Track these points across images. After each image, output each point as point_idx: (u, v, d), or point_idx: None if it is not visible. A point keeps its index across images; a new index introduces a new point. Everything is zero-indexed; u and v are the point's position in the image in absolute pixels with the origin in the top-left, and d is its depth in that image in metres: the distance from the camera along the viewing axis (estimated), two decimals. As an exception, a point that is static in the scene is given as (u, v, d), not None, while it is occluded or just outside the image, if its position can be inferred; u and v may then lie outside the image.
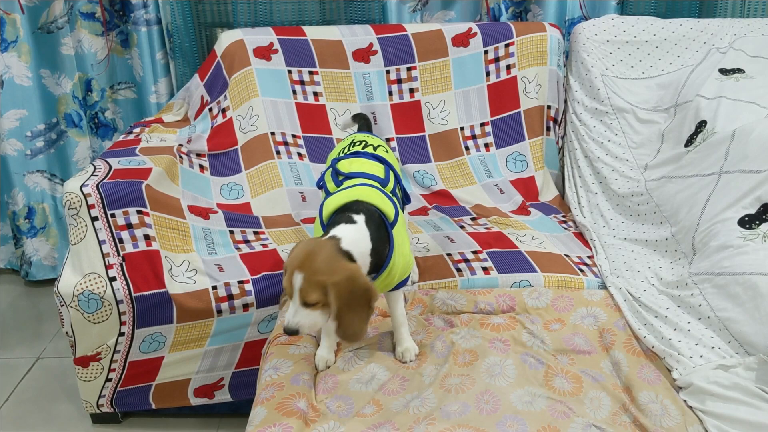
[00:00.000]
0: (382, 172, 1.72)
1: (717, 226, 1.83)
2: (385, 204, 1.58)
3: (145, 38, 2.74)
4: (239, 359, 2.06)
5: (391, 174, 1.74)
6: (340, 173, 1.71)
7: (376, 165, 1.74)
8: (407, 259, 1.63)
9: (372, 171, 1.71)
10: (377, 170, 1.72)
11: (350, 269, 1.40)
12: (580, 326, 1.79)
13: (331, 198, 1.59)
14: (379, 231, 1.53)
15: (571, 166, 2.55)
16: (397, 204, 1.63)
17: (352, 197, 1.56)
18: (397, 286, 1.62)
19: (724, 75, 2.30)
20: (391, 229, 1.56)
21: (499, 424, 1.43)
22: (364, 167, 1.71)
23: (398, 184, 1.78)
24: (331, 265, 1.39)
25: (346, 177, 1.69)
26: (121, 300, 1.95)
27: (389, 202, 1.60)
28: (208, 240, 2.15)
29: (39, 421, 2.22)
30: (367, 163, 1.73)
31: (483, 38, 2.58)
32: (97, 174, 2.05)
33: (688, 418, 1.45)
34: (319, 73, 2.58)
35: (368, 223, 1.50)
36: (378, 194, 1.60)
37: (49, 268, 3.01)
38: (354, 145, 1.84)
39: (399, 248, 1.57)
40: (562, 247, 2.15)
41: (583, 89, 2.55)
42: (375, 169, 1.72)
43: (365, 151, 1.79)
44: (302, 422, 1.45)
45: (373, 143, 1.85)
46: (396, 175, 1.78)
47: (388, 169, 1.75)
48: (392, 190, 1.71)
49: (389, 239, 1.55)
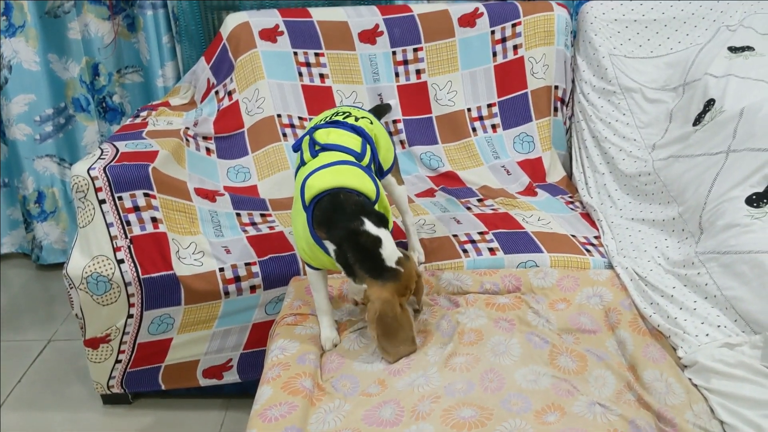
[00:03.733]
0: (358, 146, 1.71)
1: (724, 204, 1.82)
2: (366, 185, 1.61)
3: (151, 22, 2.74)
4: (247, 340, 2.08)
5: (367, 147, 1.74)
6: (317, 143, 1.70)
7: (353, 137, 1.73)
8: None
9: (348, 144, 1.71)
10: (354, 143, 1.72)
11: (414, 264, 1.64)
12: (586, 306, 1.79)
13: (313, 177, 1.60)
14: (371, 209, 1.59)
15: (578, 146, 2.53)
16: (375, 179, 1.65)
17: (335, 183, 1.58)
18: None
19: (733, 53, 2.27)
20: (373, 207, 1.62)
21: (503, 402, 1.44)
22: (341, 139, 1.71)
23: (374, 158, 1.78)
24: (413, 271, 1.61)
25: (323, 148, 1.69)
26: (129, 282, 1.97)
27: (370, 181, 1.62)
28: (215, 222, 2.16)
29: (51, 403, 2.25)
30: (345, 135, 1.73)
31: (490, 18, 2.56)
32: (104, 157, 2.06)
33: (693, 396, 1.45)
34: (325, 55, 2.58)
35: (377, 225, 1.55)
36: (359, 175, 1.62)
37: (60, 251, 3.03)
38: (337, 115, 1.83)
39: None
40: (568, 227, 2.14)
41: (590, 69, 2.53)
42: (351, 141, 1.72)
43: (344, 122, 1.78)
44: (308, 401, 1.46)
45: (357, 114, 1.83)
46: (373, 149, 1.77)
47: (365, 143, 1.74)
48: (367, 164, 1.71)
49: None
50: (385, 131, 1.89)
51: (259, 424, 1.39)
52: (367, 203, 1.59)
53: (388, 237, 1.55)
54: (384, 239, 1.54)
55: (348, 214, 1.54)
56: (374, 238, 1.53)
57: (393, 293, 1.53)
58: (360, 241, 1.52)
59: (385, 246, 1.53)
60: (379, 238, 1.53)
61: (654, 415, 1.42)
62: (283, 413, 1.41)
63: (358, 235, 1.52)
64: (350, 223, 1.53)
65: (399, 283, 1.54)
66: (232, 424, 2.12)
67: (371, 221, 1.54)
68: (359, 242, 1.52)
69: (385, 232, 1.56)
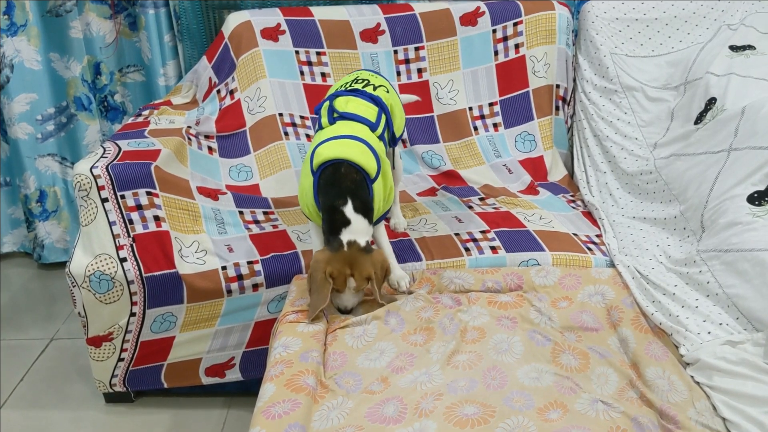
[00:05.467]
0: (374, 116, 1.88)
1: (726, 203, 1.82)
2: (368, 162, 1.75)
3: (153, 20, 2.74)
4: (249, 338, 2.08)
5: (382, 117, 1.91)
6: (336, 111, 1.86)
7: (370, 107, 1.90)
8: (385, 203, 1.85)
9: (366, 114, 1.87)
10: (371, 113, 1.88)
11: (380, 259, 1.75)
12: (588, 304, 1.80)
13: (324, 146, 1.75)
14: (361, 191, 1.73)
15: (579, 145, 2.54)
16: (380, 157, 1.80)
17: (341, 154, 1.72)
18: (378, 220, 1.84)
19: (734, 52, 2.27)
20: (371, 184, 1.75)
21: (506, 399, 1.44)
22: (359, 109, 1.88)
23: (388, 127, 1.94)
24: (367, 263, 1.71)
25: (341, 116, 1.85)
26: (131, 280, 1.97)
27: (373, 158, 1.76)
28: (218, 220, 2.16)
29: (53, 401, 2.25)
30: (363, 105, 1.89)
31: (491, 17, 2.56)
32: (107, 156, 2.06)
33: (695, 393, 1.46)
34: (326, 54, 2.58)
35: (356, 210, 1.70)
36: (364, 152, 1.76)
37: (61, 250, 3.04)
38: (357, 81, 1.99)
39: (377, 197, 1.78)
40: (570, 226, 2.15)
41: (592, 68, 2.53)
42: (368, 112, 1.88)
43: (364, 90, 1.94)
44: (311, 398, 1.47)
45: (375, 83, 1.99)
46: (388, 119, 1.93)
47: (380, 113, 1.90)
48: (381, 134, 1.88)
49: (370, 193, 1.75)
50: (399, 100, 2.07)
51: (263, 421, 1.39)
52: (362, 184, 1.73)
53: (361, 224, 1.70)
54: (353, 223, 1.69)
55: (340, 190, 1.70)
56: (346, 219, 1.69)
57: (324, 259, 1.69)
58: (335, 217, 1.70)
59: (351, 229, 1.69)
60: (349, 221, 1.69)
61: (656, 412, 1.42)
62: (287, 410, 1.41)
63: (335, 212, 1.70)
64: (336, 200, 1.70)
65: (333, 255, 1.69)
66: (234, 422, 2.12)
67: (354, 204, 1.70)
68: (333, 218, 1.70)
69: (361, 220, 1.70)
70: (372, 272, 1.71)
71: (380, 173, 1.78)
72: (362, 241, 1.70)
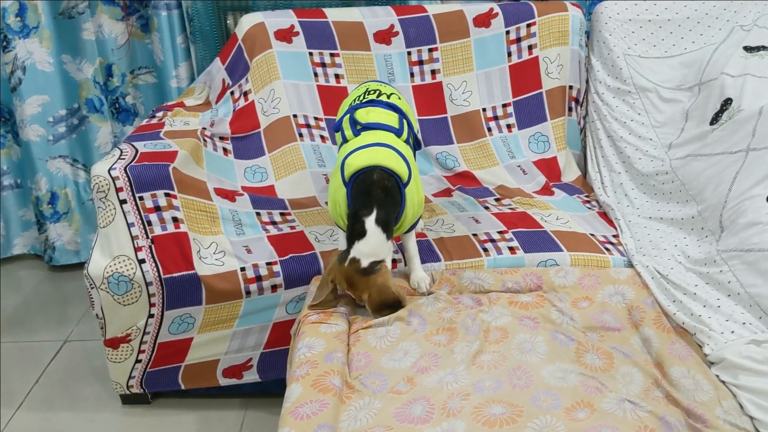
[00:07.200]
0: (396, 122, 1.89)
1: (745, 203, 1.83)
2: (400, 167, 1.75)
3: (165, 22, 2.74)
4: (267, 340, 2.08)
5: (404, 123, 1.91)
6: (359, 123, 1.86)
7: (391, 115, 1.90)
8: (417, 208, 1.83)
9: (388, 122, 1.87)
10: (392, 120, 1.89)
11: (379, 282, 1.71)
12: (609, 304, 1.80)
13: (353, 156, 1.75)
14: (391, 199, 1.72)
15: (593, 146, 2.54)
16: (409, 161, 1.80)
17: (372, 161, 1.72)
18: (410, 228, 1.85)
19: (748, 52, 2.28)
20: (404, 188, 1.75)
21: (533, 399, 1.45)
22: (380, 117, 1.88)
23: (411, 132, 1.95)
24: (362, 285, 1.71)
25: (364, 127, 1.85)
26: (150, 282, 1.97)
27: (404, 163, 1.76)
28: (236, 221, 2.16)
29: (69, 403, 2.25)
30: (384, 113, 1.89)
31: (504, 18, 2.57)
32: (124, 157, 2.06)
33: (721, 392, 1.46)
34: (340, 55, 2.58)
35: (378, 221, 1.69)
36: (394, 157, 1.76)
37: (73, 252, 3.03)
38: (369, 93, 1.98)
39: (410, 202, 1.77)
40: (586, 226, 2.15)
41: (605, 69, 2.54)
42: (390, 119, 1.89)
43: (380, 100, 1.94)
44: (338, 399, 1.47)
45: (386, 92, 1.99)
46: (409, 124, 1.94)
47: (402, 119, 1.91)
48: (406, 139, 1.89)
49: (402, 199, 1.75)
50: (409, 107, 2.08)
51: (292, 422, 1.39)
52: (394, 190, 1.73)
53: (373, 238, 1.69)
54: (368, 237, 1.68)
55: (369, 199, 1.70)
56: (363, 231, 1.69)
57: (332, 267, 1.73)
58: (354, 227, 1.70)
59: (363, 243, 1.69)
60: (365, 233, 1.69)
61: (683, 411, 1.42)
62: (315, 411, 1.41)
63: (356, 221, 1.70)
64: (363, 208, 1.70)
65: (340, 268, 1.71)
66: (252, 423, 2.12)
67: (378, 215, 1.68)
68: (353, 227, 1.71)
69: (378, 233, 1.69)
70: (366, 295, 1.72)
71: (411, 177, 1.78)
72: (365, 261, 1.69)
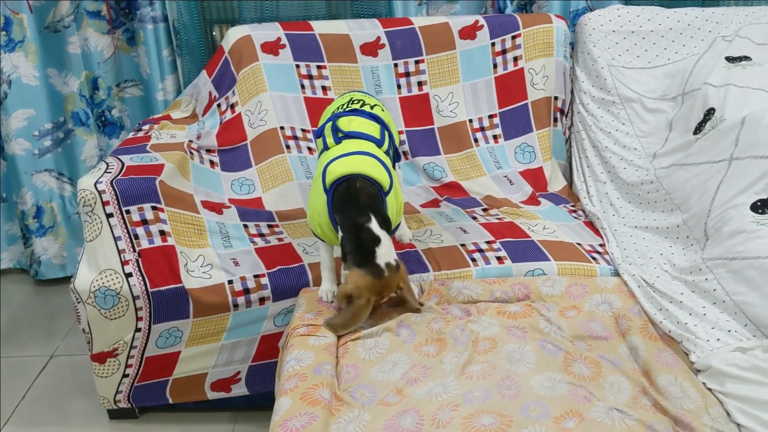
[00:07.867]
0: (378, 133, 1.90)
1: (729, 211, 1.84)
2: (381, 175, 1.76)
3: (151, 35, 2.74)
4: (256, 353, 2.07)
5: (386, 134, 1.92)
6: (341, 131, 1.87)
7: (373, 125, 1.91)
8: (396, 216, 1.84)
9: (370, 131, 1.89)
10: (374, 130, 1.90)
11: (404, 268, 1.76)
12: (596, 313, 1.81)
13: (335, 163, 1.76)
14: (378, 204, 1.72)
15: (578, 156, 2.56)
16: (390, 170, 1.82)
17: (355, 169, 1.73)
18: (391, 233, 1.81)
19: (731, 63, 2.31)
20: (385, 197, 1.76)
21: (522, 408, 1.45)
22: (362, 127, 1.89)
23: (392, 143, 1.96)
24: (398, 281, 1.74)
25: (346, 135, 1.86)
26: (137, 296, 1.96)
27: (385, 172, 1.78)
28: (223, 233, 2.16)
29: (56, 418, 2.23)
30: (365, 123, 1.90)
31: (490, 30, 2.59)
32: (110, 171, 2.06)
33: (708, 400, 1.47)
34: (327, 68, 2.59)
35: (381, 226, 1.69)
36: (376, 166, 1.77)
37: (59, 266, 3.01)
38: (353, 102, 1.99)
39: (390, 210, 1.77)
40: (573, 235, 2.16)
41: (589, 80, 2.56)
42: (372, 129, 1.90)
43: (363, 110, 1.95)
44: (327, 411, 1.46)
45: (370, 102, 2.00)
46: (390, 135, 1.95)
47: (383, 130, 1.92)
48: (386, 150, 1.90)
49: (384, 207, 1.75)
50: (392, 119, 2.09)
51: (281, 435, 1.39)
52: (378, 197, 1.73)
53: (387, 240, 1.69)
54: (383, 241, 1.68)
55: (359, 206, 1.69)
56: (375, 236, 1.67)
57: (368, 286, 1.67)
58: (361, 236, 1.67)
59: (382, 246, 1.67)
60: (379, 238, 1.67)
61: (671, 419, 1.43)
62: (304, 424, 1.41)
63: (361, 231, 1.67)
64: (359, 217, 1.68)
65: (377, 281, 1.68)
66: (240, 437, 2.12)
67: (377, 220, 1.68)
68: (360, 237, 1.67)
69: (386, 235, 1.69)
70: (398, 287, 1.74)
71: (392, 186, 1.79)
72: (392, 259, 1.69)
